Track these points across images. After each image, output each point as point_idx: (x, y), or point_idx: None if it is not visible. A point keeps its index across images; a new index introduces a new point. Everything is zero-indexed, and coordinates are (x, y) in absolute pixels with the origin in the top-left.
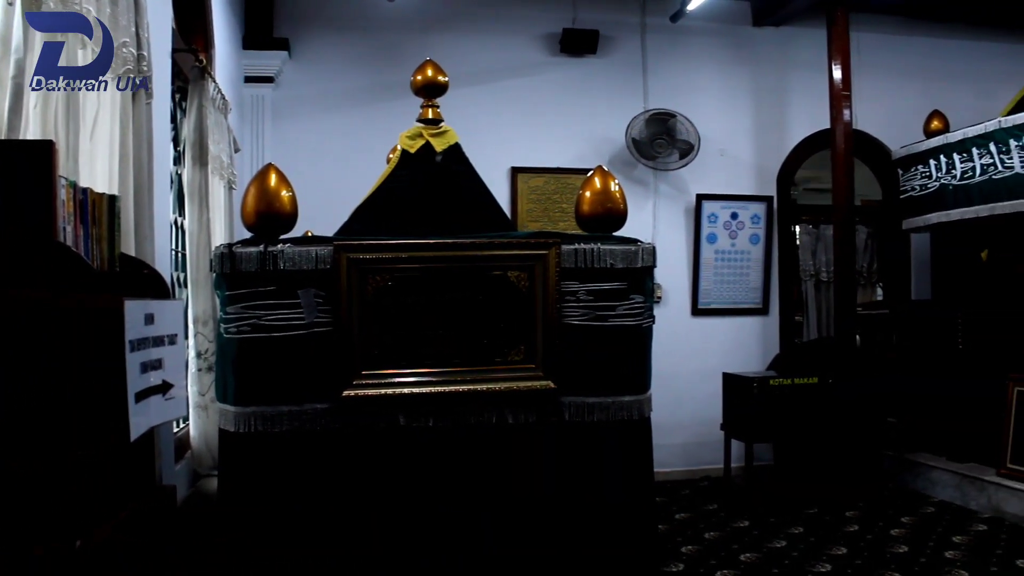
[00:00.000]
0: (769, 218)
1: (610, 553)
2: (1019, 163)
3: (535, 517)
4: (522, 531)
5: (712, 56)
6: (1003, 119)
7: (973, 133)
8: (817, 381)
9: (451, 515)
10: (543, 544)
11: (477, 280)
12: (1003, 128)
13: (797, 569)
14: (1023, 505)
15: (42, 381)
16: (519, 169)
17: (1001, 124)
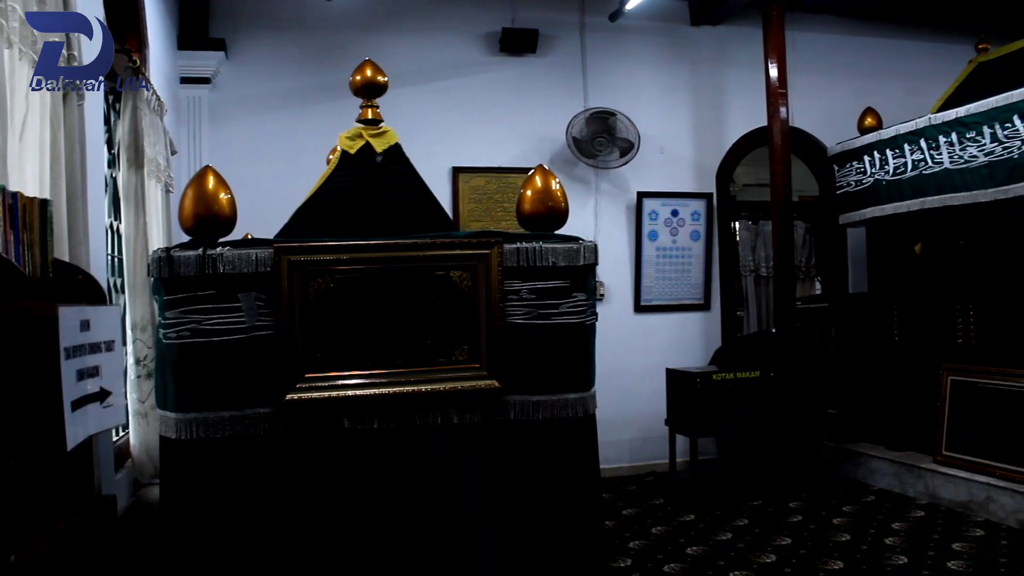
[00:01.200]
0: (709, 215)
1: (558, 550)
2: (948, 159)
3: (482, 516)
4: (470, 531)
5: (651, 55)
6: (933, 116)
7: (905, 130)
8: (759, 375)
9: (398, 517)
10: (491, 543)
11: (419, 281)
12: (933, 125)
13: (743, 561)
14: (958, 491)
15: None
16: (460, 169)
17: (931, 121)
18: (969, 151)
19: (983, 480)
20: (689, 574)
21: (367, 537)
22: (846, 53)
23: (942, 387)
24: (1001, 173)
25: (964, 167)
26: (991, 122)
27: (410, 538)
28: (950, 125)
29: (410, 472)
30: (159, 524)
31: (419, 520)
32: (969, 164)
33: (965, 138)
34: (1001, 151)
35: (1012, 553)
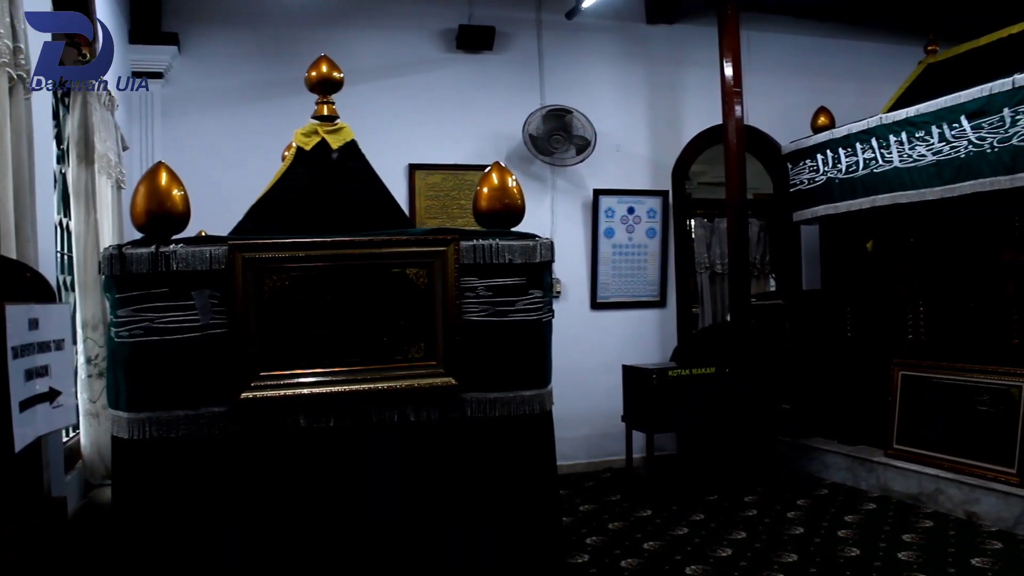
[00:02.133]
0: (665, 212)
1: (515, 546)
2: (898, 158)
3: (439, 513)
4: (427, 528)
5: (607, 53)
6: (884, 116)
7: (857, 129)
8: (714, 371)
9: (355, 515)
10: (448, 540)
11: (376, 278)
12: (884, 124)
13: (699, 555)
14: (908, 483)
15: None
16: (417, 166)
17: (882, 120)
18: (918, 150)
19: (932, 472)
20: (646, 569)
21: (324, 535)
22: (800, 53)
23: (893, 382)
24: (948, 172)
25: (913, 166)
26: (939, 122)
27: (367, 536)
28: (900, 125)
29: (366, 470)
30: (111, 526)
31: (376, 518)
32: (918, 163)
33: (914, 138)
34: (948, 151)
35: (960, 543)
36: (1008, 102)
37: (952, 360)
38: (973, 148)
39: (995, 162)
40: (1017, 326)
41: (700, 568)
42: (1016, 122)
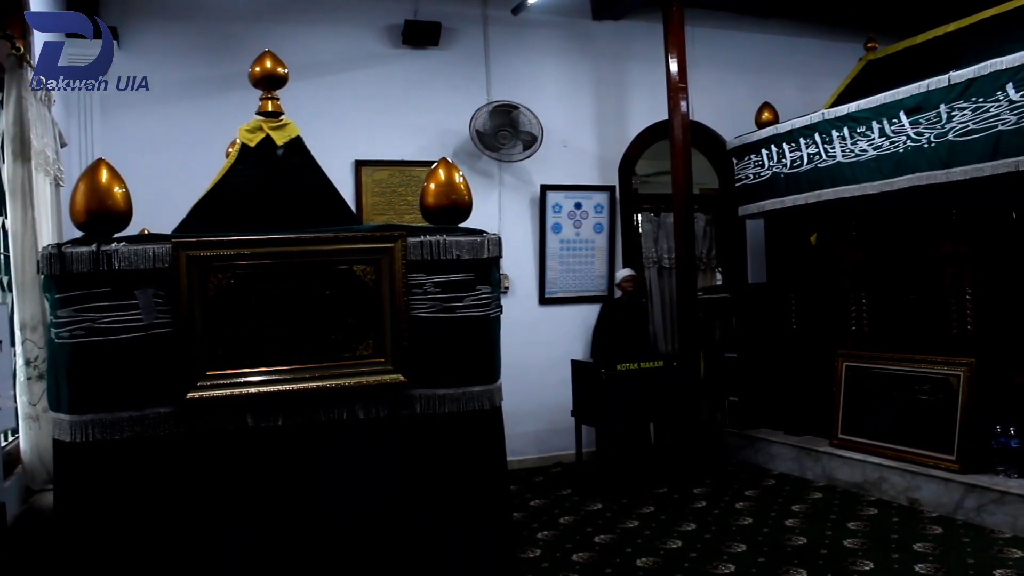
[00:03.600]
0: (612, 207)
1: (467, 542)
2: (841, 152)
3: (391, 510)
4: (378, 525)
5: (554, 49)
6: (826, 111)
7: (800, 124)
8: (662, 364)
9: (305, 514)
10: (399, 537)
11: (323, 275)
12: (827, 120)
13: (649, 547)
14: (853, 472)
15: None
16: (363, 162)
17: (825, 116)
18: (859, 145)
19: (876, 461)
20: (597, 562)
21: (273, 535)
22: (743, 49)
23: (837, 373)
24: (888, 167)
25: (855, 161)
26: (879, 118)
27: (317, 534)
28: (842, 120)
29: (317, 468)
30: (53, 531)
31: (326, 516)
32: (859, 158)
33: (856, 133)
34: (888, 145)
35: (902, 529)
36: (944, 99)
37: (894, 351)
38: (911, 143)
39: (932, 157)
40: (955, 317)
41: (651, 560)
42: (952, 118)
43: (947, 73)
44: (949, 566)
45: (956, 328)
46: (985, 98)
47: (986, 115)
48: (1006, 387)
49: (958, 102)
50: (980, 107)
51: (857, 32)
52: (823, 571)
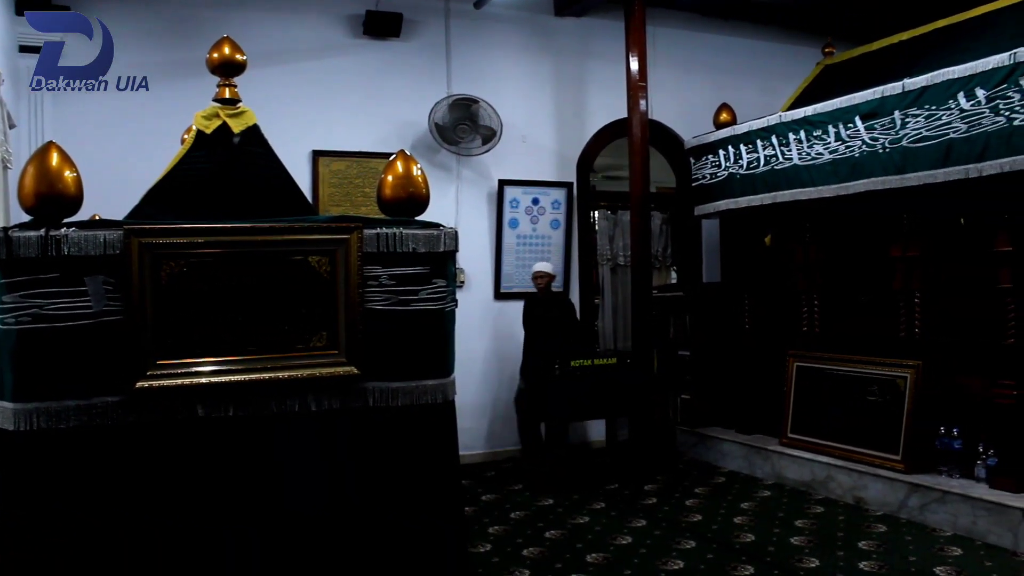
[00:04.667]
0: (569, 204)
1: (417, 536)
2: (797, 155)
3: (343, 503)
4: (329, 517)
5: (515, 44)
6: (783, 114)
7: (757, 126)
8: (616, 361)
9: (255, 505)
10: (352, 529)
11: (277, 265)
12: (783, 122)
13: (600, 543)
14: (801, 471)
15: None
16: (320, 152)
17: (782, 119)
18: (816, 148)
19: (824, 460)
20: (548, 557)
21: (224, 527)
22: (704, 50)
23: (788, 373)
24: (844, 170)
25: (811, 163)
26: (835, 122)
27: (267, 526)
28: (799, 123)
29: (268, 460)
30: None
31: (277, 508)
32: (816, 161)
33: (812, 136)
34: (844, 149)
35: (848, 527)
36: (899, 105)
37: (844, 352)
38: (866, 148)
39: (886, 162)
40: (904, 319)
41: (601, 556)
42: (906, 124)
43: (902, 80)
44: (892, 564)
45: (904, 331)
46: (937, 106)
47: (938, 123)
48: (951, 389)
49: (912, 109)
50: (933, 115)
51: (815, 37)
52: (770, 568)
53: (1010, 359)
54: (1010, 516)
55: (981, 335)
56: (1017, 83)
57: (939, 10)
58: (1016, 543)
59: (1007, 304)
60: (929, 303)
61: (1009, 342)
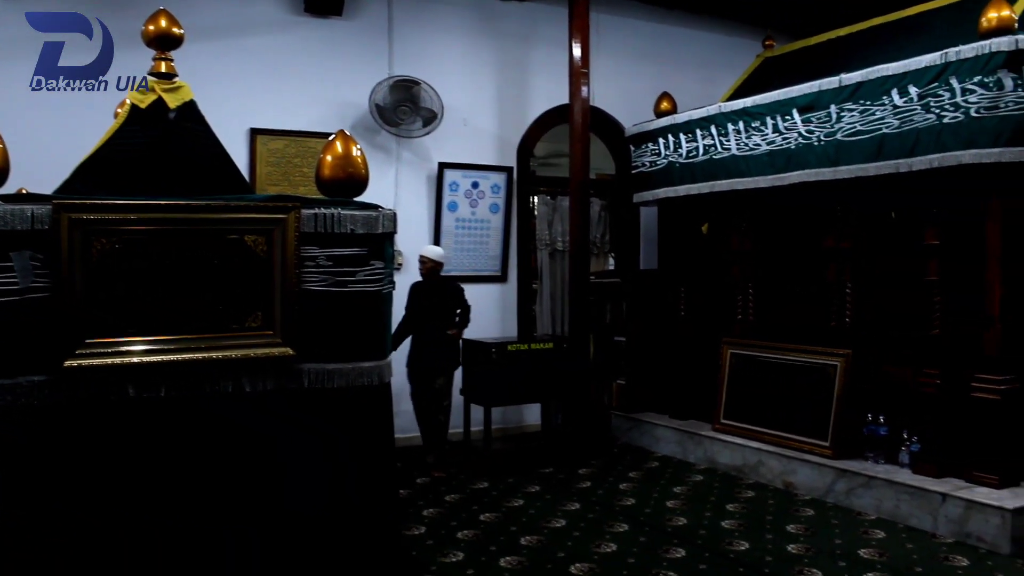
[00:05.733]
0: (509, 188)
1: (352, 519)
2: (735, 145)
3: (274, 485)
4: (261, 500)
5: (458, 26)
6: (723, 104)
7: (697, 116)
8: (553, 346)
9: (187, 487)
10: (283, 512)
11: (212, 244)
12: (723, 113)
13: (534, 526)
14: (733, 456)
15: None
16: (259, 131)
17: (721, 109)
18: (754, 139)
19: (755, 446)
20: (482, 540)
21: (155, 509)
22: (646, 39)
23: (722, 360)
24: (780, 161)
25: (749, 154)
26: (773, 114)
27: (202, 509)
28: (738, 114)
29: (200, 440)
30: None
31: (209, 489)
32: (754, 152)
33: (751, 127)
34: (781, 141)
35: (777, 511)
36: (834, 99)
37: (777, 340)
38: (802, 140)
39: (821, 154)
40: (835, 309)
41: (535, 538)
42: (841, 118)
43: (838, 75)
44: (818, 546)
45: (835, 320)
46: (872, 102)
47: (872, 118)
48: (879, 378)
49: (847, 103)
50: (867, 110)
51: (756, 29)
52: (701, 550)
53: (935, 349)
54: (931, 500)
55: (909, 326)
56: (947, 82)
57: (877, 8)
58: (936, 526)
59: (934, 296)
60: (860, 294)
61: (935, 333)
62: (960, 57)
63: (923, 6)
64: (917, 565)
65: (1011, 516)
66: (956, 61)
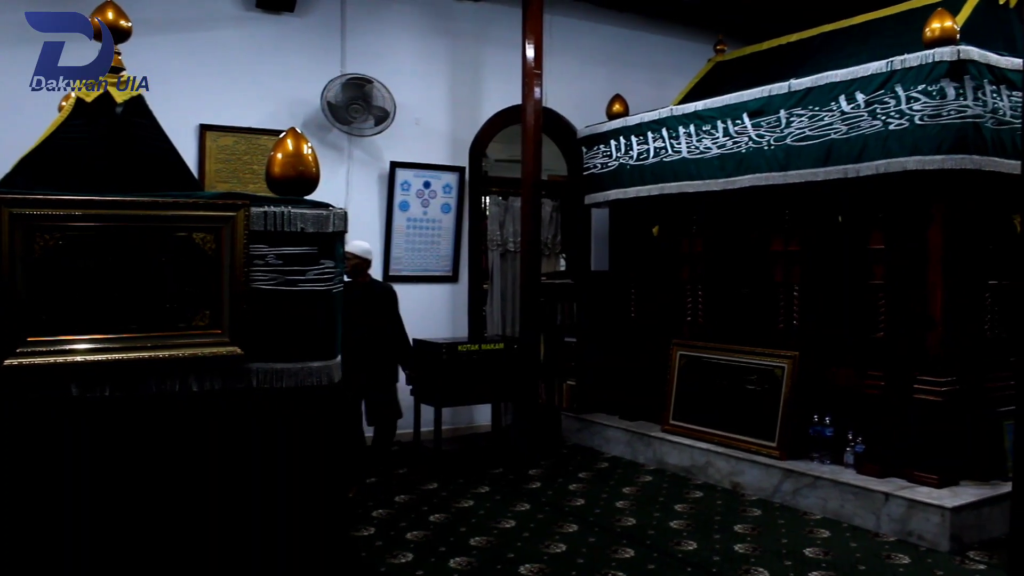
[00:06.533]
0: (461, 188)
1: (299, 520)
2: (686, 148)
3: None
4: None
5: (412, 24)
6: (674, 108)
7: (649, 119)
8: (503, 347)
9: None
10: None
11: (160, 241)
12: (674, 116)
13: (483, 527)
14: (682, 456)
15: None
16: (208, 127)
17: (673, 112)
18: (704, 143)
19: (703, 447)
20: (432, 540)
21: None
22: (599, 41)
23: (672, 361)
24: (730, 165)
25: (700, 157)
26: (724, 118)
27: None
28: (689, 118)
29: (146, 441)
30: None
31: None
32: (704, 155)
33: (701, 131)
34: (731, 145)
35: (725, 511)
36: (784, 104)
37: (726, 341)
38: (753, 144)
39: (771, 159)
40: (783, 311)
41: (484, 539)
42: (791, 123)
43: (788, 81)
44: (765, 546)
45: (784, 323)
46: (820, 107)
47: (821, 123)
48: (825, 379)
49: (797, 109)
50: (816, 115)
51: (708, 33)
52: (650, 551)
53: (879, 352)
54: (874, 500)
55: (855, 328)
56: (893, 90)
57: (828, 15)
58: (879, 525)
59: (878, 299)
60: (807, 297)
61: (879, 336)
62: (905, 65)
63: (871, 14)
64: (860, 564)
65: (950, 515)
66: (901, 69)
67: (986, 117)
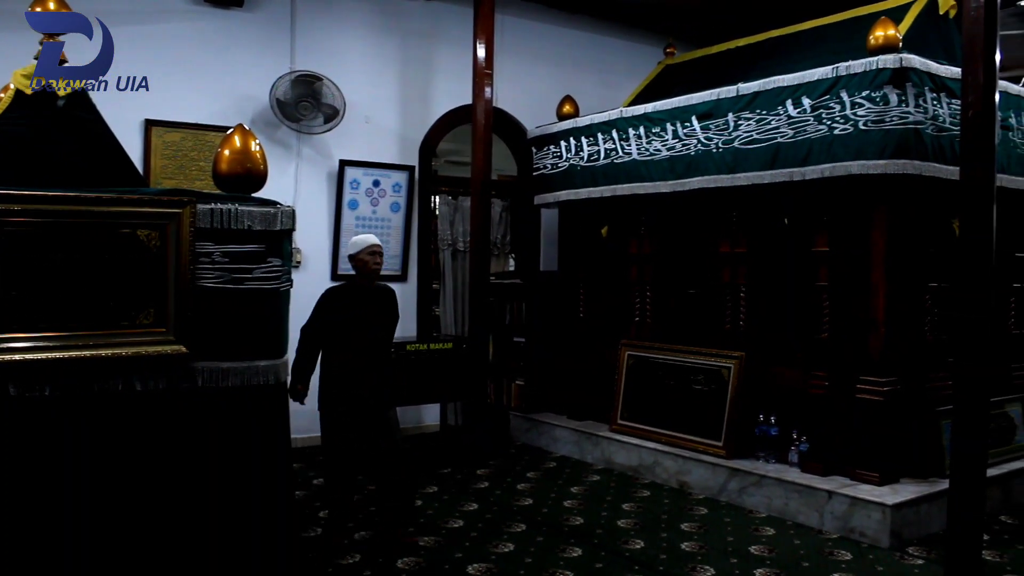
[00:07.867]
0: (410, 187)
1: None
2: (636, 150)
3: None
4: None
5: (362, 22)
6: (624, 109)
7: (599, 120)
8: (452, 346)
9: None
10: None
11: (103, 238)
12: (624, 118)
13: (432, 527)
14: (630, 456)
15: None
16: (154, 122)
17: (623, 114)
18: (654, 144)
19: (651, 446)
20: (379, 541)
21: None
22: (550, 41)
23: (620, 361)
24: (680, 167)
25: (650, 159)
26: (673, 120)
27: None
28: (639, 120)
29: (86, 442)
30: None
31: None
32: (654, 157)
33: (651, 133)
34: (681, 147)
35: (672, 510)
36: (732, 108)
37: (673, 342)
38: (702, 147)
39: (719, 161)
40: (730, 312)
41: (432, 539)
42: (739, 126)
43: (736, 84)
44: (711, 544)
45: (730, 323)
46: (768, 111)
47: (768, 127)
48: (771, 379)
49: (744, 112)
50: (763, 119)
51: (658, 36)
52: (597, 549)
53: (824, 352)
54: (817, 498)
55: (800, 329)
56: (838, 95)
57: (776, 20)
58: (822, 522)
59: (823, 301)
60: (754, 298)
61: (823, 336)
62: (850, 72)
63: (818, 21)
64: (804, 560)
65: (891, 511)
66: (846, 75)
67: (927, 124)
